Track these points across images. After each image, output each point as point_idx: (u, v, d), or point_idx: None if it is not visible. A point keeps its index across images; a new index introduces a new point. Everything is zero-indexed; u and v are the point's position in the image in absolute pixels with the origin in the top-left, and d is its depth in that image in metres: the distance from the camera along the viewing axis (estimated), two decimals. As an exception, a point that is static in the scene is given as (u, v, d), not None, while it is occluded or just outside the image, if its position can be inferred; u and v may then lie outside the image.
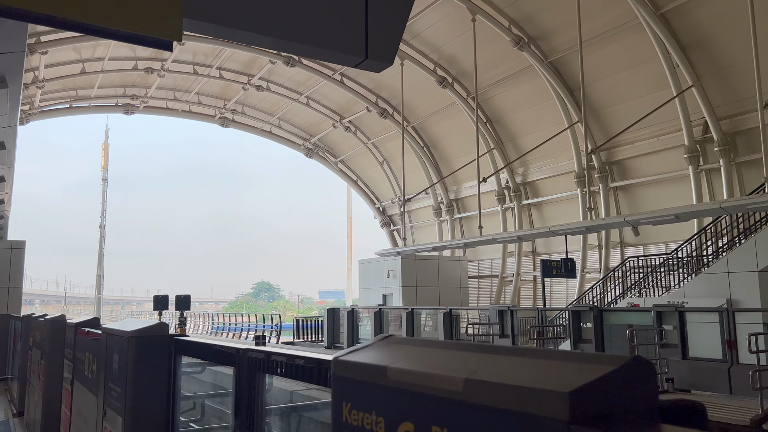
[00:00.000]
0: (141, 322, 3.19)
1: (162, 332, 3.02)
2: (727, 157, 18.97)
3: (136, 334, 2.96)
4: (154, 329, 3.02)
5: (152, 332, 3.00)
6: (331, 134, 34.70)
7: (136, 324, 3.16)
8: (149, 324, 3.05)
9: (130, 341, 2.95)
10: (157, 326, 3.03)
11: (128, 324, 3.37)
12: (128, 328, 3.08)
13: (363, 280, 29.25)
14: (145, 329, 2.99)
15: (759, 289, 14.68)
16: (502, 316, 16.31)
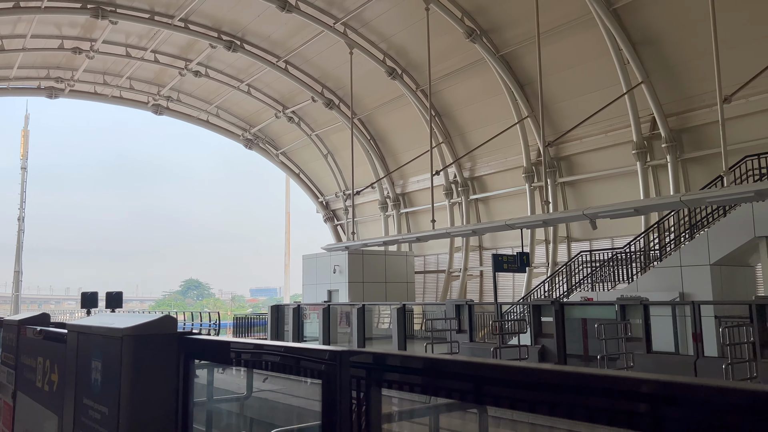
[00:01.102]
0: (132, 317, 2.36)
1: (168, 329, 2.21)
2: (673, 154, 19.31)
3: (135, 332, 2.15)
4: (159, 325, 2.21)
5: (156, 329, 2.20)
6: (273, 125, 33.48)
7: (126, 319, 2.33)
8: (150, 318, 2.23)
9: (126, 343, 2.13)
10: (162, 321, 2.22)
11: (109, 319, 2.52)
12: (117, 324, 2.26)
13: (307, 276, 28.33)
14: (146, 325, 2.18)
15: (711, 283, 14.89)
16: (460, 310, 15.90)
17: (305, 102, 30.04)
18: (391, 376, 1.41)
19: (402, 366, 1.37)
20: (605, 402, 1.00)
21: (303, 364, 1.64)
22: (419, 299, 27.74)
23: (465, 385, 1.24)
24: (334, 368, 1.47)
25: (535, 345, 13.92)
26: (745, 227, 14.33)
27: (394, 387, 1.37)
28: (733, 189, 12.45)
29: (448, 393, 1.31)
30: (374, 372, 1.42)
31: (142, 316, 2.31)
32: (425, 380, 1.31)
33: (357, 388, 1.41)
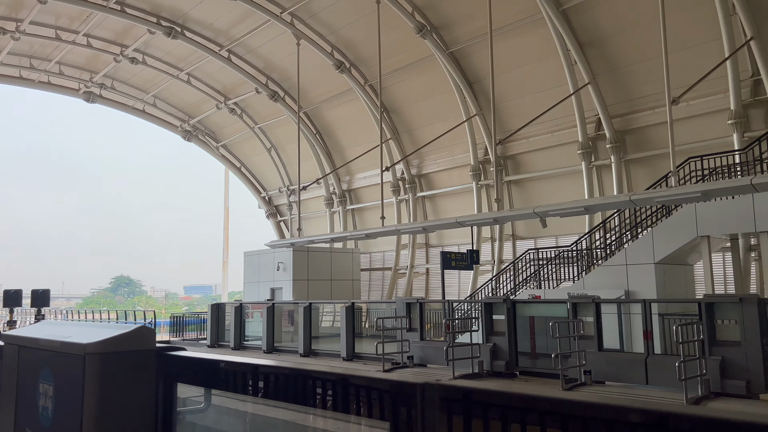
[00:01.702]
0: (95, 328, 1.87)
1: (145, 343, 1.74)
2: (617, 155, 19.71)
3: (102, 348, 1.67)
4: (132, 339, 1.73)
5: (129, 344, 1.72)
6: (213, 116, 32.33)
7: (87, 331, 1.84)
8: (121, 330, 1.75)
9: (91, 362, 1.65)
10: (137, 335, 1.75)
11: (62, 330, 2.02)
12: (76, 337, 1.76)
13: (249, 273, 27.46)
14: (116, 340, 1.70)
15: (655, 281, 15.21)
16: (410, 308, 15.63)
17: (248, 93, 29.12)
18: (493, 412, 1.01)
19: (522, 406, 0.98)
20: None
21: (360, 397, 1.22)
22: (365, 297, 27.40)
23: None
24: (412, 406, 1.06)
25: (487, 343, 13.80)
26: (689, 227, 14.70)
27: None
28: (680, 189, 12.69)
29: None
30: (472, 410, 1.02)
31: (109, 327, 1.82)
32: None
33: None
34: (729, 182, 12.22)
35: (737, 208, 13.97)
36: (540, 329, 14.52)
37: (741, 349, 10.26)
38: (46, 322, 2.29)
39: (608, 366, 11.92)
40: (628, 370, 11.60)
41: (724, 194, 12.82)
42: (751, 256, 16.62)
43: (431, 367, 14.75)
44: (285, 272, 25.84)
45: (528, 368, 13.39)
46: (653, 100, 18.95)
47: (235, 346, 20.98)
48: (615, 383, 11.79)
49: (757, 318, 10.05)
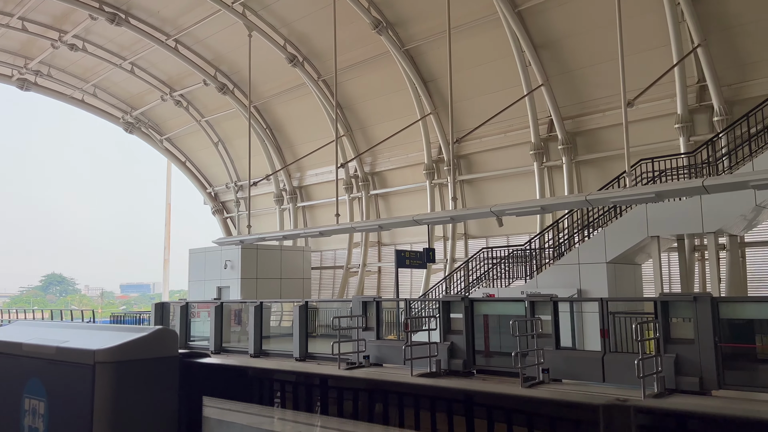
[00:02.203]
0: (97, 330, 1.53)
1: (166, 349, 1.43)
2: (569, 156, 20.05)
3: (116, 356, 1.34)
4: (151, 344, 1.41)
5: (147, 350, 1.40)
6: (157, 108, 31.15)
7: (84, 333, 1.50)
8: (136, 333, 1.43)
9: (103, 373, 1.32)
10: (157, 338, 1.43)
11: (57, 333, 1.66)
12: (78, 341, 1.43)
13: (194, 271, 26.58)
14: (132, 345, 1.38)
15: (606, 280, 15.51)
16: (366, 307, 15.38)
17: (196, 85, 28.19)
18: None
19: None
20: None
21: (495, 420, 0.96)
22: (315, 296, 26.98)
23: None
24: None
25: (445, 342, 13.71)
26: (640, 227, 15.05)
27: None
28: (635, 190, 12.94)
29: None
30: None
31: (116, 329, 1.50)
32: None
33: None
34: (682, 183, 12.54)
35: (686, 209, 14.40)
36: (496, 328, 14.58)
37: (694, 346, 10.50)
38: (19, 323, 1.92)
39: (566, 364, 12.01)
40: (585, 368, 11.72)
41: (677, 195, 13.16)
42: (695, 256, 17.19)
43: (387, 366, 14.56)
44: (233, 270, 25.14)
45: (486, 367, 13.38)
46: (604, 103, 19.37)
47: (180, 346, 20.19)
48: (572, 381, 11.90)
49: (710, 316, 10.31)
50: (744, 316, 10.56)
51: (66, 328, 1.68)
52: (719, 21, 16.58)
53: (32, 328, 1.84)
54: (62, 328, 1.69)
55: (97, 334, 1.46)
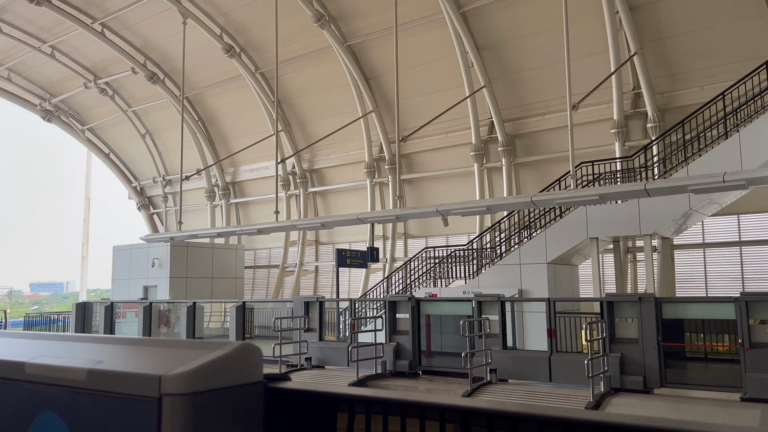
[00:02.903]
0: (129, 344, 1.12)
1: (250, 373, 1.04)
2: (508, 158, 20.28)
3: (189, 384, 0.94)
4: (232, 365, 1.02)
5: (229, 374, 1.01)
6: (80, 96, 29.29)
7: (123, 351, 1.09)
8: (209, 350, 1.03)
9: (172, 408, 0.92)
10: (239, 355, 1.04)
11: (47, 348, 1.22)
12: (114, 363, 1.01)
13: (119, 269, 25.15)
14: (207, 368, 0.98)
15: (547, 280, 15.75)
16: (308, 308, 14.91)
17: (123, 73, 26.68)
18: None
19: None
20: None
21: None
22: (248, 296, 26.13)
23: None
24: None
25: (390, 343, 13.47)
26: (580, 229, 15.36)
27: None
28: (580, 192, 13.15)
29: None
30: None
31: (165, 344, 1.09)
32: None
33: None
34: (625, 186, 12.85)
35: (624, 212, 14.81)
36: (439, 328, 14.47)
37: (638, 346, 10.73)
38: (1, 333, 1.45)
39: (512, 364, 12.03)
40: (532, 368, 11.77)
41: (620, 198, 13.49)
42: (627, 257, 17.78)
43: (330, 368, 14.15)
44: (161, 269, 23.95)
45: (431, 367, 13.22)
46: (543, 107, 19.72)
47: (105, 349, 19.00)
48: (519, 381, 11.93)
49: (654, 316, 10.55)
50: (686, 316, 10.88)
51: (80, 341, 1.24)
52: (654, 31, 17.21)
53: (24, 341, 1.38)
54: (74, 342, 1.25)
55: (141, 351, 1.04)
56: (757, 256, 16.71)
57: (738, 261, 16.92)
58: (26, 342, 1.33)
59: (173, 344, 1.09)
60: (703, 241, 17.47)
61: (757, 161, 12.93)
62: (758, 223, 16.76)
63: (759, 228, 16.74)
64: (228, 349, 1.05)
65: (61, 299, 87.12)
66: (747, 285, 16.54)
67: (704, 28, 16.60)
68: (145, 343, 1.11)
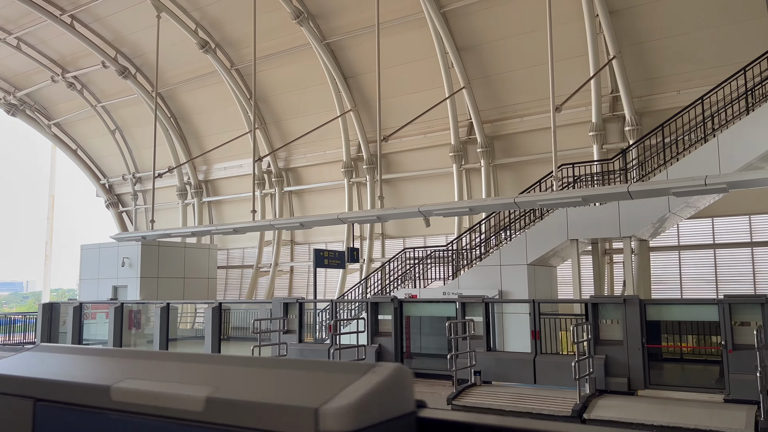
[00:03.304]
0: (252, 365, 0.93)
1: (403, 402, 0.86)
2: (487, 159, 20.28)
3: (354, 418, 0.76)
4: (386, 394, 0.84)
5: (384, 405, 0.83)
6: (47, 90, 28.37)
7: (243, 374, 0.89)
8: (358, 374, 0.85)
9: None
10: (392, 383, 0.86)
11: (135, 366, 1.02)
12: (245, 391, 0.82)
13: (87, 269, 24.40)
14: (369, 397, 0.80)
15: (527, 281, 15.76)
16: (288, 309, 14.63)
17: (93, 67, 25.91)
18: None
19: None
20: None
21: None
22: (221, 296, 25.64)
23: None
24: None
25: (372, 344, 13.29)
26: (560, 230, 15.41)
27: None
28: (563, 193, 13.17)
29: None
30: None
31: (295, 365, 0.90)
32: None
33: None
34: (608, 188, 12.91)
35: (604, 215, 14.90)
36: (420, 329, 14.35)
37: (623, 347, 10.76)
38: (41, 350, 1.20)
39: (497, 366, 11.97)
40: (516, 370, 11.73)
41: (603, 200, 13.56)
42: (605, 259, 17.93)
43: (310, 370, 13.90)
44: (131, 268, 23.32)
45: (414, 369, 13.08)
46: (522, 108, 19.78)
47: (73, 351, 18.41)
48: (503, 383, 11.87)
49: (638, 318, 10.59)
50: (670, 318, 10.96)
51: (172, 360, 1.03)
52: (632, 36, 17.39)
53: (96, 358, 1.16)
54: (164, 360, 1.03)
55: (266, 374, 0.85)
56: (730, 258, 17.02)
57: (712, 263, 17.21)
58: (99, 360, 1.11)
59: (301, 365, 0.89)
60: (679, 243, 17.73)
61: (735, 165, 13.14)
62: (731, 226, 17.08)
63: (732, 231, 17.06)
64: (383, 373, 0.86)
65: (20, 299, 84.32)
66: (721, 286, 16.84)
67: (681, 34, 16.84)
68: (266, 364, 0.91)
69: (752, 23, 15.81)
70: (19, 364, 1.15)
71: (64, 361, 1.17)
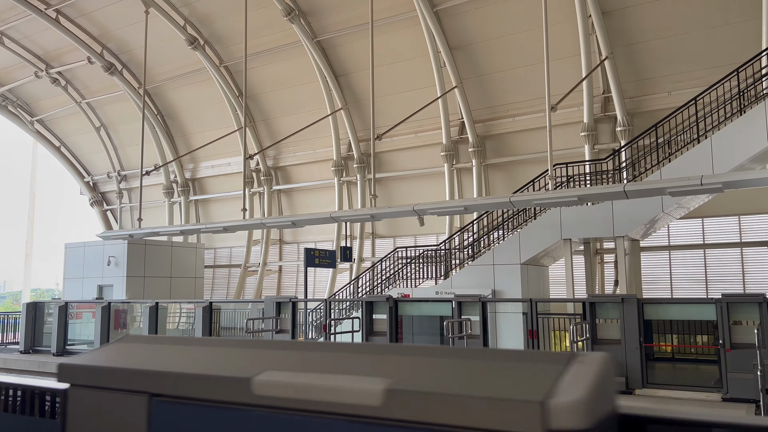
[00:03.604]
0: (406, 353, 0.81)
1: (612, 397, 0.75)
2: (478, 159, 20.25)
3: (588, 415, 0.65)
4: (606, 385, 0.72)
5: (607, 398, 0.71)
6: (30, 85, 27.83)
7: (416, 364, 0.77)
8: (578, 364, 0.74)
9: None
10: (606, 369, 0.75)
11: (276, 358, 0.90)
12: (425, 381, 0.71)
13: (71, 268, 23.98)
14: (599, 390, 0.68)
15: (520, 280, 15.75)
16: (280, 308, 14.46)
17: (78, 63, 25.46)
18: None
19: None
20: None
21: None
22: (207, 296, 25.32)
23: None
24: None
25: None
26: (554, 230, 15.41)
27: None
28: (558, 193, 13.16)
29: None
30: None
31: (483, 355, 0.78)
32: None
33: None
34: (604, 188, 12.93)
35: (597, 214, 14.94)
36: (411, 328, 14.27)
37: (620, 347, 10.76)
38: (132, 341, 1.08)
39: (494, 365, 11.91)
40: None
41: (599, 199, 13.57)
42: (596, 259, 17.99)
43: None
44: (117, 267, 22.95)
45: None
46: (514, 108, 19.78)
47: (58, 351, 18.09)
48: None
49: (636, 317, 10.60)
50: (667, 317, 10.99)
51: (312, 350, 0.91)
52: (625, 37, 17.47)
53: (224, 349, 1.02)
54: (301, 350, 0.92)
55: (436, 364, 0.73)
56: (719, 258, 17.17)
57: (702, 263, 17.35)
58: (217, 350, 0.99)
59: (485, 355, 0.78)
60: (669, 243, 17.85)
61: (728, 166, 13.23)
62: (721, 227, 17.23)
63: (722, 231, 17.21)
64: (593, 363, 0.75)
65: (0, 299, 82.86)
66: (711, 286, 16.98)
67: (672, 36, 16.95)
68: (434, 354, 0.80)
69: (743, 25, 15.96)
70: (115, 356, 1.02)
71: (171, 352, 1.04)
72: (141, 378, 0.91)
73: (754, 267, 16.64)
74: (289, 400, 0.76)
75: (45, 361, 17.08)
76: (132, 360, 0.96)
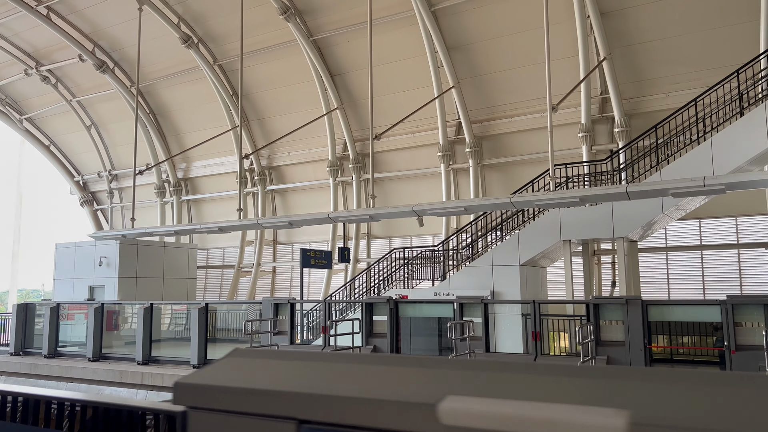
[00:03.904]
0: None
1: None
2: (475, 159, 20.18)
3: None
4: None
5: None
6: (19, 83, 27.42)
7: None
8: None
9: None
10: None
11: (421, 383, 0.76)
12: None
13: (61, 269, 23.62)
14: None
15: (519, 281, 15.68)
16: (278, 310, 14.27)
17: (69, 61, 25.11)
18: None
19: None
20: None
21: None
22: (200, 297, 25.05)
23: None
24: None
25: (367, 345, 13.03)
26: (553, 231, 15.36)
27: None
28: (560, 193, 13.10)
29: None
30: None
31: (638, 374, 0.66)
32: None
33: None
34: (606, 189, 12.88)
35: (597, 215, 14.90)
36: (414, 330, 14.14)
37: (624, 348, 10.71)
38: (245, 355, 0.94)
39: (496, 367, 11.81)
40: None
41: (600, 200, 13.52)
42: (594, 260, 17.97)
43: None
44: (109, 268, 22.63)
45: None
46: (511, 109, 19.73)
47: (49, 353, 17.77)
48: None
49: (640, 318, 10.55)
50: (671, 319, 10.94)
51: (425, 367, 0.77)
52: (623, 38, 17.46)
53: (350, 367, 0.89)
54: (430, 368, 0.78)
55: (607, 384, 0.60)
56: (717, 259, 17.20)
57: (699, 264, 17.37)
58: (367, 368, 0.86)
59: (729, 380, 0.66)
60: (666, 244, 17.86)
61: (729, 166, 13.24)
62: (718, 228, 17.27)
63: (719, 232, 17.25)
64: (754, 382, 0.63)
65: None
66: (707, 287, 17.01)
67: (670, 37, 16.96)
68: (610, 374, 0.67)
69: (741, 27, 16.00)
70: (237, 374, 0.88)
71: (304, 369, 0.88)
72: (286, 401, 0.77)
73: (751, 268, 16.69)
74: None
75: (36, 363, 16.79)
76: (261, 379, 0.82)
